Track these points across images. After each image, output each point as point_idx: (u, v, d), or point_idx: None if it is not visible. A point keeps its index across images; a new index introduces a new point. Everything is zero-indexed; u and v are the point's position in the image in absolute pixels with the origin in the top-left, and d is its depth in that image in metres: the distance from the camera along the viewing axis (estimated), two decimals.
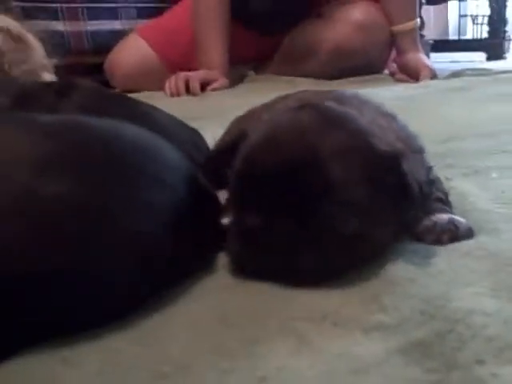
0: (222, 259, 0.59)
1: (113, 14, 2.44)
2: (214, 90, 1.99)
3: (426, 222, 0.63)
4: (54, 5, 2.23)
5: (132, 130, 0.59)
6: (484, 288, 0.50)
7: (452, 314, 0.45)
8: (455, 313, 0.45)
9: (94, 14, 2.37)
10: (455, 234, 0.62)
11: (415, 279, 0.53)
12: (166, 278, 0.53)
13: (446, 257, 0.57)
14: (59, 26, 2.24)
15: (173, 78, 2.06)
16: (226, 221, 0.61)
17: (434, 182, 0.69)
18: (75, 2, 2.30)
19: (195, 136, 0.88)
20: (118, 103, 0.79)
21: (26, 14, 2.13)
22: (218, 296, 0.53)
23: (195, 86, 2.00)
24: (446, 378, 0.38)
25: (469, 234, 0.62)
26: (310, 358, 0.42)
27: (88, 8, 2.34)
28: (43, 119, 0.55)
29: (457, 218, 0.64)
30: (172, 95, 2.03)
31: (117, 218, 0.49)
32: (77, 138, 0.53)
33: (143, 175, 0.53)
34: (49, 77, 1.54)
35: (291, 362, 0.42)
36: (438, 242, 0.61)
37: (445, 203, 0.67)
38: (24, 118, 0.55)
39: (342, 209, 0.54)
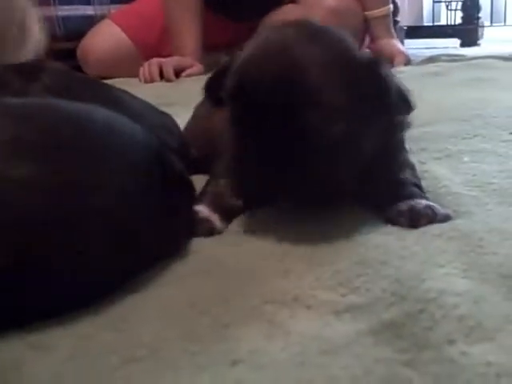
0: (195, 244, 0.59)
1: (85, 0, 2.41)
2: (189, 75, 1.98)
3: (403, 207, 0.63)
4: None
5: (102, 113, 0.58)
6: (456, 269, 0.50)
7: (423, 294, 0.46)
8: (427, 293, 0.46)
9: None
10: (432, 218, 0.62)
11: (388, 261, 0.53)
12: (137, 262, 0.52)
13: (418, 238, 0.58)
14: None
15: (146, 65, 2.04)
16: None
17: (411, 166, 0.70)
18: None
19: (167, 120, 0.87)
20: (89, 87, 0.77)
21: None
22: (190, 281, 0.52)
23: (169, 71, 1.99)
24: (417, 357, 0.38)
25: (446, 220, 0.62)
26: (281, 341, 0.42)
27: None
28: (12, 102, 0.54)
29: (433, 204, 0.64)
30: (146, 81, 2.01)
31: (86, 201, 0.48)
32: (47, 121, 0.52)
33: (113, 158, 0.53)
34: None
35: (263, 345, 0.42)
36: (414, 226, 0.61)
37: (421, 189, 0.67)
38: None
39: (328, 113, 0.57)
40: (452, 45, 3.04)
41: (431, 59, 2.16)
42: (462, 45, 3.00)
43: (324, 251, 0.56)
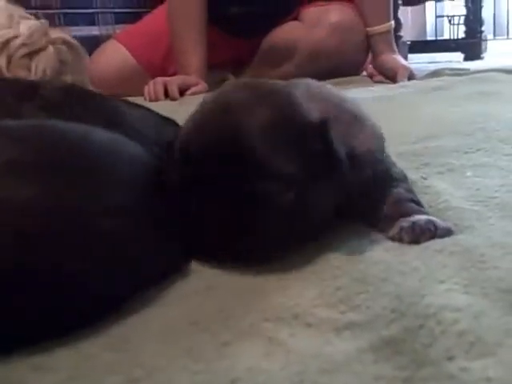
0: (195, 263, 0.59)
1: (90, 20, 2.43)
2: (193, 94, 1.99)
3: (403, 223, 0.62)
4: (30, 11, 2.22)
5: (99, 133, 0.58)
6: (456, 284, 0.50)
7: (423, 310, 0.45)
8: (426, 309, 0.45)
9: (71, 20, 2.36)
10: (434, 234, 0.61)
11: (388, 277, 0.53)
12: (138, 282, 0.52)
13: (419, 254, 0.57)
14: None
15: (151, 83, 2.05)
16: None
17: (404, 181, 0.70)
18: (51, 8, 2.29)
19: (168, 129, 0.86)
20: (89, 103, 0.77)
21: None
22: (190, 300, 0.52)
23: (174, 90, 2.00)
24: (416, 374, 0.38)
25: (448, 234, 0.62)
26: (281, 359, 0.42)
27: (65, 14, 2.33)
28: (8, 124, 0.54)
29: (434, 218, 0.64)
30: (151, 100, 2.02)
31: (84, 222, 0.49)
32: (43, 143, 0.52)
33: (110, 178, 0.53)
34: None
35: (263, 364, 0.42)
36: (416, 242, 0.61)
37: (418, 204, 0.67)
38: None
39: (274, 183, 0.55)
40: (455, 59, 3.05)
41: (435, 73, 2.16)
42: (466, 59, 3.01)
43: (324, 268, 0.56)
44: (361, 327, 0.45)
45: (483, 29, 3.07)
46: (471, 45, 3.02)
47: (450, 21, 3.23)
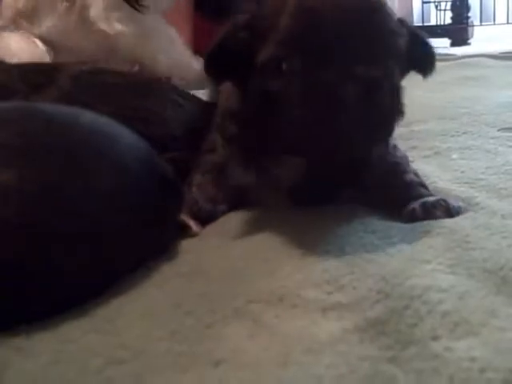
0: (181, 246, 0.59)
1: None
2: None
3: (415, 204, 0.63)
4: None
5: (89, 117, 0.57)
6: (441, 264, 0.50)
7: (408, 291, 0.45)
8: (412, 290, 0.45)
9: None
10: (447, 209, 0.62)
11: (374, 259, 0.52)
12: (124, 264, 0.52)
13: (405, 236, 0.58)
14: None
15: None
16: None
17: (412, 168, 0.71)
18: None
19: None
20: (115, 91, 0.75)
21: None
22: (175, 283, 0.52)
23: None
24: (401, 354, 0.38)
25: (460, 211, 0.63)
26: (265, 340, 0.42)
27: None
28: None
29: (445, 198, 0.64)
30: None
31: (70, 205, 0.48)
32: (27, 126, 0.51)
33: (99, 161, 0.53)
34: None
35: (247, 345, 0.41)
36: (430, 218, 0.61)
37: (427, 189, 0.67)
38: None
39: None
40: (442, 44, 3.04)
41: None
42: (453, 44, 3.00)
43: (310, 251, 0.55)
44: (346, 308, 0.45)
45: (470, 14, 3.06)
46: (458, 30, 3.01)
47: (436, 6, 3.21)
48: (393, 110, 0.60)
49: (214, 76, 0.64)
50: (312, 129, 0.55)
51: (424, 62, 0.66)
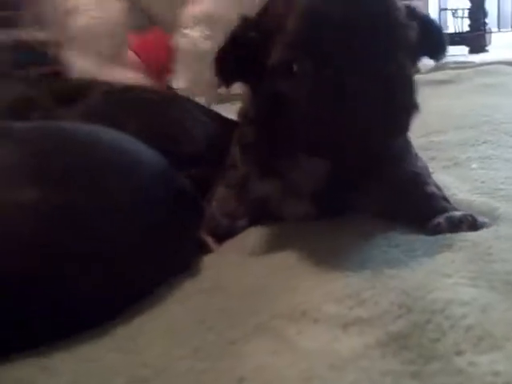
0: (202, 263, 0.59)
1: None
2: None
3: (440, 219, 0.62)
4: None
5: (109, 135, 0.58)
6: (464, 278, 0.50)
7: (430, 305, 0.45)
8: (434, 304, 0.45)
9: None
10: (473, 224, 0.61)
11: (396, 273, 0.52)
12: (143, 282, 0.52)
13: (427, 249, 0.57)
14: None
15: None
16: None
17: (429, 176, 0.70)
18: None
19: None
20: (140, 109, 0.75)
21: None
22: (197, 299, 0.52)
23: None
24: (424, 369, 0.38)
25: (485, 226, 0.62)
26: (288, 357, 0.42)
27: None
28: (16, 126, 0.54)
29: (470, 213, 0.63)
30: None
31: (87, 225, 0.49)
32: (46, 145, 0.52)
33: (117, 180, 0.53)
34: None
35: (270, 361, 0.41)
36: (455, 231, 0.60)
37: (449, 203, 0.66)
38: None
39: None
40: (460, 52, 3.03)
41: (439, 67, 2.15)
42: (471, 51, 2.99)
43: (331, 266, 0.55)
44: (368, 323, 0.45)
45: (487, 21, 3.05)
46: (476, 37, 3.00)
47: (453, 14, 3.21)
48: (408, 103, 0.59)
49: (224, 77, 0.63)
50: (330, 129, 0.55)
51: (435, 47, 0.66)
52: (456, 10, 3.21)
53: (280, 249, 0.61)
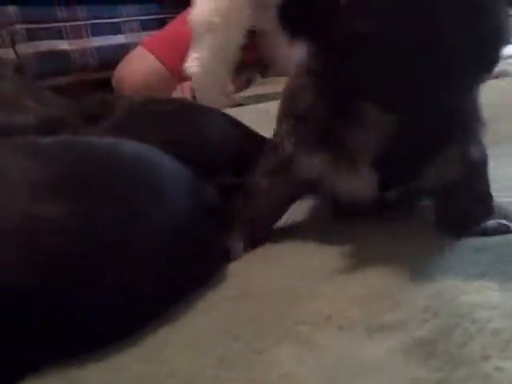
0: (226, 270, 0.59)
1: (116, 29, 2.45)
2: None
3: (475, 229, 0.60)
4: (58, 24, 2.25)
5: (131, 147, 0.58)
6: (491, 280, 0.49)
7: (457, 309, 0.44)
8: (460, 308, 0.44)
9: (98, 30, 2.38)
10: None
11: (421, 275, 0.52)
12: (168, 294, 0.52)
13: (454, 251, 0.56)
14: (64, 45, 2.25)
15: (179, 89, 2.06)
16: None
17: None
18: (78, 20, 2.32)
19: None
20: (163, 122, 0.76)
21: (31, 36, 2.15)
22: (222, 308, 0.52)
23: None
24: (451, 375, 0.38)
25: None
26: (312, 364, 0.42)
27: (92, 25, 2.35)
28: (42, 141, 0.55)
29: (505, 222, 0.61)
30: None
31: (118, 236, 0.49)
32: (76, 158, 0.53)
33: (143, 193, 0.53)
34: None
35: (294, 369, 0.41)
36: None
37: (490, 206, 0.64)
38: (23, 142, 0.55)
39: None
40: None
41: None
42: None
43: (355, 268, 0.55)
44: (393, 328, 0.44)
45: None
46: None
47: None
48: (498, 33, 0.52)
49: (289, 28, 0.56)
50: (411, 68, 0.50)
51: None
52: None
53: (304, 252, 0.61)
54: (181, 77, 2.19)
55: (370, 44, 0.51)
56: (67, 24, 2.27)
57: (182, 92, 2.05)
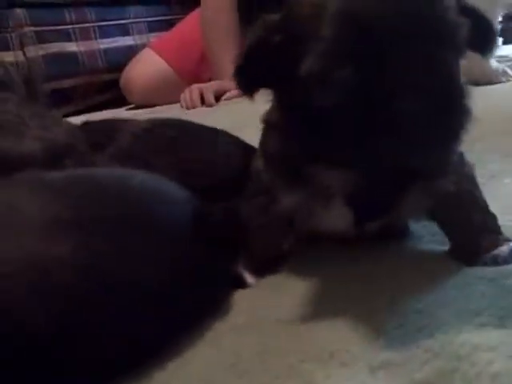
0: (232, 299, 0.60)
1: (125, 30, 2.46)
2: (229, 99, 2.00)
3: (486, 258, 0.60)
4: (66, 26, 2.26)
5: (140, 178, 0.59)
6: (491, 316, 0.49)
7: (457, 349, 0.45)
8: (460, 348, 0.45)
9: (106, 32, 2.39)
10: None
11: (423, 309, 0.52)
12: (176, 326, 0.54)
13: (458, 282, 0.57)
14: (72, 47, 2.27)
15: (187, 91, 2.07)
16: None
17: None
18: (87, 22, 2.33)
19: None
20: (169, 146, 0.77)
21: (39, 38, 2.16)
22: (229, 339, 0.54)
23: (209, 96, 2.01)
24: None
25: None
26: None
27: (100, 27, 2.36)
28: (49, 177, 0.56)
29: None
30: (187, 107, 2.04)
31: (123, 274, 0.50)
32: (83, 194, 0.54)
33: (150, 226, 0.54)
34: None
35: None
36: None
37: (498, 230, 0.64)
38: (30, 178, 0.56)
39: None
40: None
41: None
42: (504, 43, 2.94)
43: (359, 300, 0.56)
44: (394, 367, 0.45)
45: None
46: (509, 28, 2.94)
47: None
48: (460, 111, 0.52)
49: (245, 86, 0.57)
50: (380, 144, 0.50)
51: (484, 43, 0.60)
52: None
53: (310, 282, 0.62)
54: (189, 78, 2.21)
55: (326, 116, 0.52)
56: (75, 26, 2.29)
57: (190, 94, 2.06)
